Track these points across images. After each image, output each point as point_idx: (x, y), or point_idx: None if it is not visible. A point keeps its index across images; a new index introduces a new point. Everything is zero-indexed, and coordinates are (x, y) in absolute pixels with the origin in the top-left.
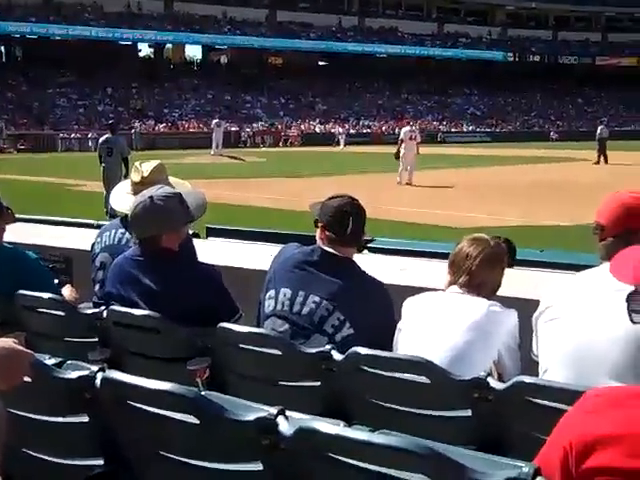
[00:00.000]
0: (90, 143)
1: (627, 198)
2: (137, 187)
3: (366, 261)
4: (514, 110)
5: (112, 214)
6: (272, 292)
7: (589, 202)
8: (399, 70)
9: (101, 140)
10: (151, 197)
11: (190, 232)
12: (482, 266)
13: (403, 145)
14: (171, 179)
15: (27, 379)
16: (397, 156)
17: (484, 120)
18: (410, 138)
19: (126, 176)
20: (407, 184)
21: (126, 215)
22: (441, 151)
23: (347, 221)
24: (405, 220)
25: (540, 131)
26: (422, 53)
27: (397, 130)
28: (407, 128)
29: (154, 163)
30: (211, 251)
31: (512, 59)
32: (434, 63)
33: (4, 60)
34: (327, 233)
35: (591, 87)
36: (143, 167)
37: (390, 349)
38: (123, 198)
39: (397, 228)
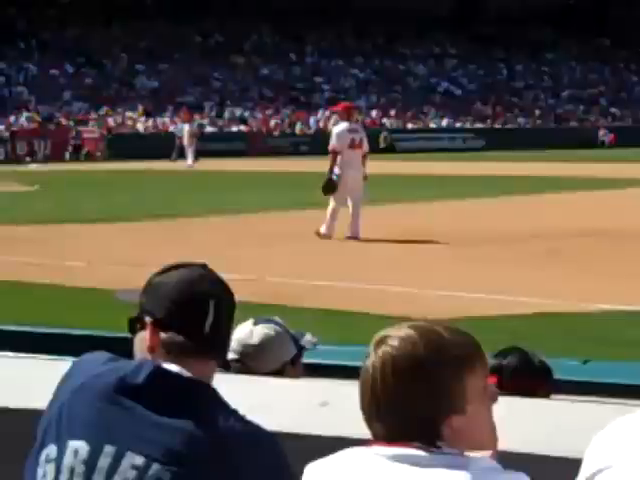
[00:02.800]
0: None
1: None
2: None
3: (246, 388)
4: (529, 87)
5: None
6: (52, 450)
7: None
8: (300, 6)
9: None
10: None
11: None
12: (393, 393)
13: (338, 161)
14: None
15: None
16: (331, 187)
17: (471, 107)
18: (352, 145)
19: None
20: (351, 237)
21: None
22: (390, 168)
23: (205, 308)
24: (331, 307)
25: (580, 128)
26: None
27: (299, 127)
28: (343, 126)
29: None
30: None
31: None
32: None
33: None
34: (165, 335)
35: None
36: None
37: None
38: None
39: (321, 323)
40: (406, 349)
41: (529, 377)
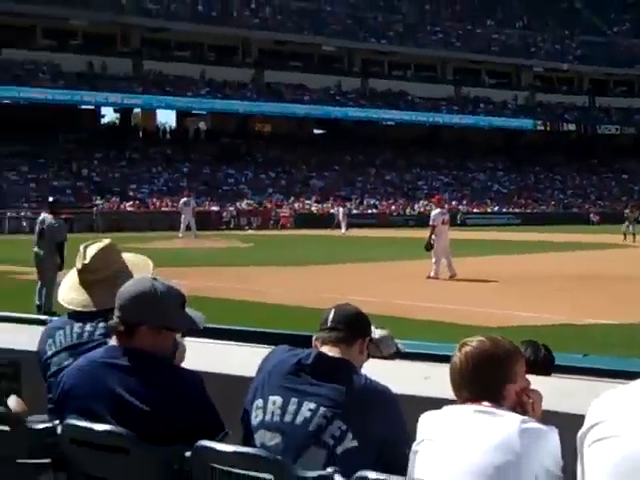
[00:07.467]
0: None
1: None
2: (81, 276)
3: (383, 368)
4: (547, 188)
5: (47, 311)
6: (260, 401)
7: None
8: (410, 140)
9: (39, 219)
10: (155, 279)
11: None
12: (472, 375)
13: (434, 232)
14: (127, 256)
15: None
16: (429, 247)
17: (512, 199)
18: (443, 222)
19: (60, 267)
20: (451, 278)
21: (74, 311)
22: (464, 235)
23: (360, 317)
24: (433, 319)
25: (578, 213)
26: (436, 120)
27: (408, 210)
28: (437, 210)
29: (100, 245)
30: (188, 354)
31: (542, 128)
32: (451, 132)
33: None
34: (328, 334)
35: (637, 161)
36: (88, 251)
37: (398, 469)
38: (70, 292)
39: (424, 329)
40: (479, 347)
41: (540, 363)
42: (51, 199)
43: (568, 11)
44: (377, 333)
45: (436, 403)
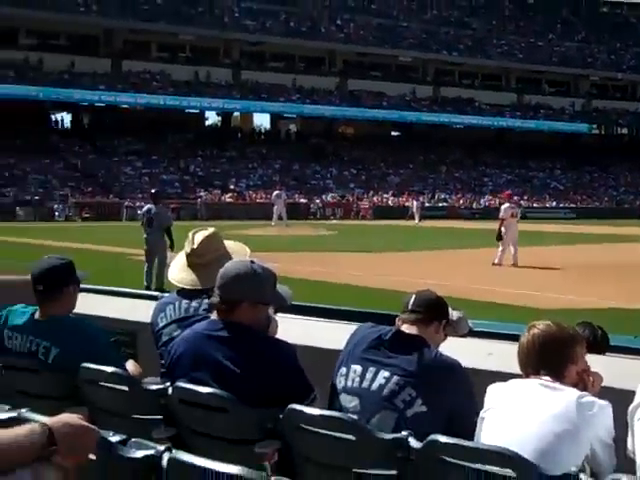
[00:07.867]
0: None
1: None
2: (189, 259)
3: (452, 344)
4: (601, 186)
5: (159, 288)
6: (344, 370)
7: None
8: (476, 142)
9: (143, 210)
10: (252, 261)
11: None
12: (538, 354)
13: (504, 224)
14: (228, 243)
15: (92, 456)
16: (499, 238)
17: (568, 195)
18: (512, 215)
19: (171, 247)
20: (513, 265)
21: (182, 289)
22: (525, 227)
23: (436, 300)
24: (497, 301)
25: (629, 208)
26: (501, 124)
27: (475, 204)
28: (507, 205)
29: (206, 233)
30: (280, 329)
31: (597, 132)
32: (514, 135)
33: (71, 128)
34: (411, 315)
35: None
36: (196, 237)
37: (466, 435)
38: (180, 273)
39: (489, 309)
40: (546, 330)
41: (597, 343)
42: (153, 190)
43: (623, 25)
44: (454, 315)
45: (498, 376)
